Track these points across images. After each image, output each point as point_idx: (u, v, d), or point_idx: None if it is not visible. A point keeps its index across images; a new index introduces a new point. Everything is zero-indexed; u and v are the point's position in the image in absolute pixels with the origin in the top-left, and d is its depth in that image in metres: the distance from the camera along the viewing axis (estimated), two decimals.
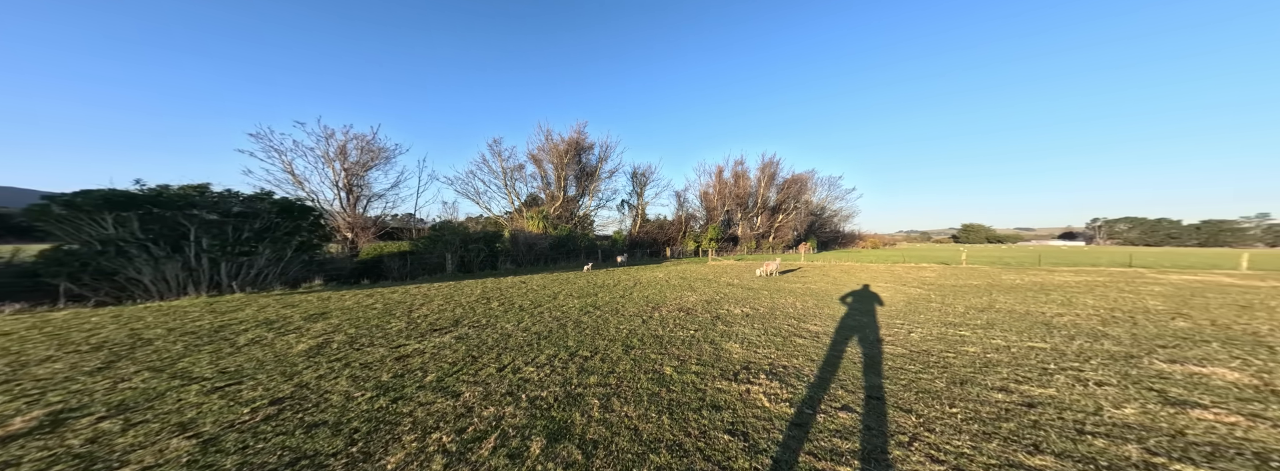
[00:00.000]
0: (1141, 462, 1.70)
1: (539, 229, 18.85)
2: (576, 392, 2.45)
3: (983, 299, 6.56)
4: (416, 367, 2.90)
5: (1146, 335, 4.06)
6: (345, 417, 2.09)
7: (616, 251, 21.16)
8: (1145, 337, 3.95)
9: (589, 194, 24.74)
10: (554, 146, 23.15)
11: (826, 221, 44.59)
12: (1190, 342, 3.76)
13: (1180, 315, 5.16)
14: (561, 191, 23.17)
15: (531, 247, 16.30)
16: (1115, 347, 3.57)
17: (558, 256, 17.56)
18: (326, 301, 5.97)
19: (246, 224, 7.39)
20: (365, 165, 15.50)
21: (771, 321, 4.63)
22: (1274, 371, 2.90)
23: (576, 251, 18.61)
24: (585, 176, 24.69)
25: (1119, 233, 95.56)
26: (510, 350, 3.35)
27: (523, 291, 7.16)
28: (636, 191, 27.91)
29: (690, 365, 2.96)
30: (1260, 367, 2.98)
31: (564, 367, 2.90)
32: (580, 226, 23.09)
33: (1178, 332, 4.16)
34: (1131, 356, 3.30)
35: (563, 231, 19.02)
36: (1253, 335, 4.06)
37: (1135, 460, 1.71)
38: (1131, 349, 3.51)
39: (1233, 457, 1.74)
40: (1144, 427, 2.01)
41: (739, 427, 1.95)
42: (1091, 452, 1.76)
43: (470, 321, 4.55)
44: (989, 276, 10.43)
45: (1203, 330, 4.28)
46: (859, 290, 7.58)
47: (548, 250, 17.09)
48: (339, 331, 4.01)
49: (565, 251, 18.11)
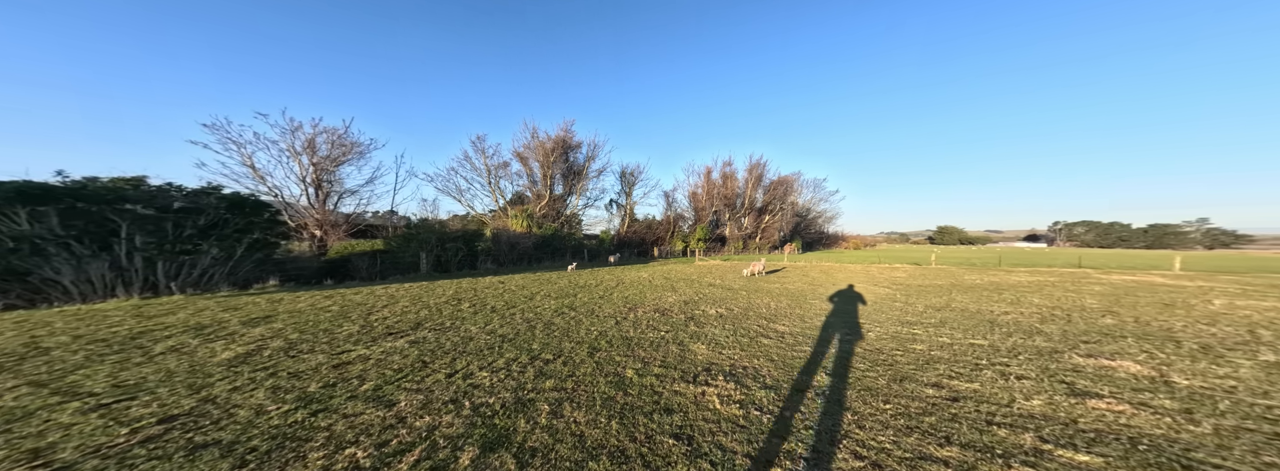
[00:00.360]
0: (1033, 450, 1.84)
1: (523, 228, 18.38)
2: (528, 398, 2.32)
3: (942, 298, 6.76)
4: (354, 376, 2.63)
5: (1075, 331, 4.27)
6: (245, 436, 1.85)
7: (604, 251, 20.92)
8: (1073, 334, 4.15)
9: (576, 193, 24.39)
10: (541, 144, 22.68)
11: (811, 222, 45.64)
12: (1110, 338, 3.97)
13: (1110, 313, 5.44)
14: (548, 190, 22.73)
15: (514, 247, 15.84)
16: (1044, 343, 3.74)
17: (542, 256, 17.14)
18: (277, 303, 5.50)
19: (189, 220, 6.74)
20: (336, 160, 14.66)
21: (743, 322, 4.61)
22: (1172, 364, 3.16)
23: (562, 251, 18.24)
24: (573, 175, 24.32)
25: (1077, 235, 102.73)
26: (468, 354, 3.13)
27: (499, 292, 6.89)
28: (625, 191, 27.77)
29: (653, 367, 2.91)
30: (1162, 361, 3.23)
31: (521, 372, 2.75)
32: (568, 225, 22.70)
33: (1103, 329, 4.40)
34: (1056, 351, 3.47)
35: (548, 230, 18.60)
36: (1166, 331, 4.36)
37: (1028, 447, 1.86)
38: (1058, 344, 3.69)
39: (1110, 443, 1.91)
40: (1044, 417, 2.18)
41: (686, 431, 1.95)
42: (992, 442, 1.90)
43: (433, 324, 4.27)
44: (953, 277, 10.82)
45: (1125, 326, 4.55)
46: (832, 291, 7.73)
47: (532, 249, 16.65)
48: (279, 337, 3.64)
49: (550, 251, 17.70)
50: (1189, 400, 2.47)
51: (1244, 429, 2.12)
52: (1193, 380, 2.81)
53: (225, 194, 7.62)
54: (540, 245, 17.30)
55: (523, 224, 18.70)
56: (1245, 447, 1.92)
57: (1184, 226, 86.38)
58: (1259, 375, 2.93)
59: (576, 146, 24.03)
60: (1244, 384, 2.75)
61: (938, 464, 1.68)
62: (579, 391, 2.41)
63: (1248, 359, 3.31)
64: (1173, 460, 1.79)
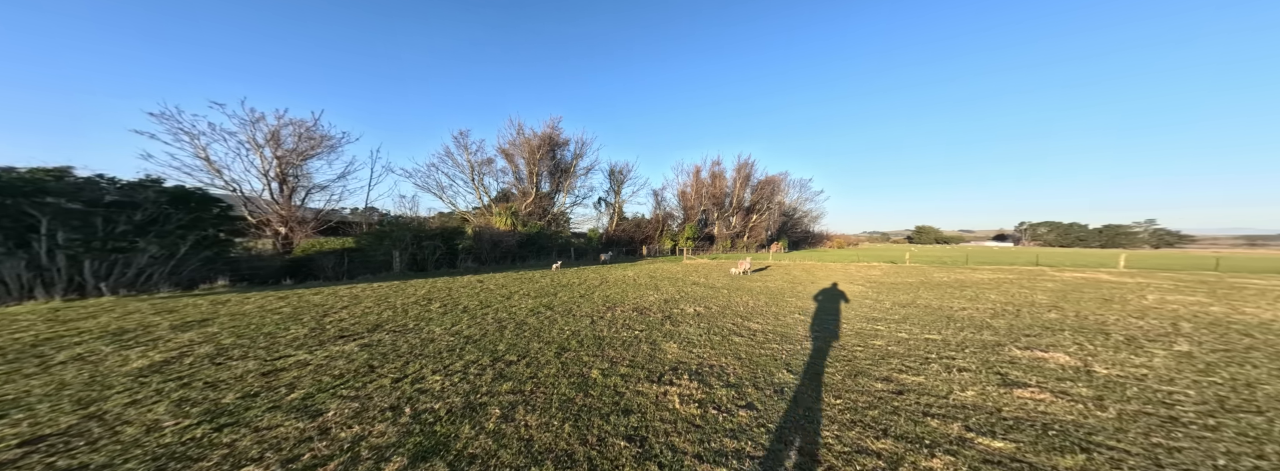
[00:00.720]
0: (957, 438, 1.94)
1: (507, 225, 17.96)
2: (480, 402, 2.23)
3: (909, 295, 7.06)
4: (284, 384, 2.45)
5: (1021, 325, 4.52)
6: (121, 458, 1.65)
7: (592, 249, 20.73)
8: (1018, 328, 4.40)
9: (564, 190, 24.04)
10: (526, 141, 22.18)
11: (798, 222, 46.74)
12: (1050, 331, 4.22)
13: (1056, 308, 5.77)
14: (534, 188, 22.29)
15: (496, 245, 15.44)
16: (991, 337, 3.94)
17: (527, 254, 16.81)
18: (221, 305, 5.13)
19: (123, 215, 6.17)
20: (304, 154, 13.83)
21: (718, 320, 4.67)
22: (1097, 354, 3.37)
23: (548, 249, 17.95)
24: (560, 173, 23.93)
25: (1040, 235, 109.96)
26: (424, 357, 3.01)
27: (475, 292, 6.71)
28: (614, 189, 27.58)
29: (620, 367, 2.89)
30: (1089, 352, 3.44)
31: (479, 375, 2.65)
32: (555, 223, 22.34)
33: (1046, 323, 4.67)
34: (999, 344, 3.67)
35: (533, 228, 18.25)
36: (1100, 324, 4.64)
37: (954, 437, 1.95)
38: (1002, 338, 3.90)
39: (1025, 429, 2.04)
40: (974, 407, 2.30)
41: (640, 432, 1.92)
42: (924, 433, 1.98)
43: (394, 326, 4.09)
44: (923, 275, 11.36)
45: (1065, 320, 4.82)
46: (809, 289, 7.92)
47: (515, 248, 16.29)
48: (210, 342, 3.37)
49: (535, 249, 17.39)
50: (1103, 388, 2.65)
51: (1143, 413, 2.30)
52: (1111, 369, 3.01)
53: (167, 187, 7.00)
54: (525, 243, 16.96)
55: (507, 221, 18.26)
56: (1139, 430, 2.07)
57: (1134, 227, 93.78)
58: (1170, 364, 3.17)
59: (564, 144, 23.64)
60: (1155, 372, 2.98)
61: (871, 456, 1.74)
62: (537, 394, 2.35)
63: (1164, 349, 3.57)
64: (1075, 443, 1.91)
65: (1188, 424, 2.16)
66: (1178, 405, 2.40)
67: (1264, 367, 3.08)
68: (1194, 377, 2.86)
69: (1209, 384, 2.74)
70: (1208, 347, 3.65)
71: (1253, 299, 6.73)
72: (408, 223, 12.68)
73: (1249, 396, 2.54)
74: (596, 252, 19.55)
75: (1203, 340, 3.92)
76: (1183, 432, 2.05)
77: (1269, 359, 3.30)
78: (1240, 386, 2.70)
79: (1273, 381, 2.78)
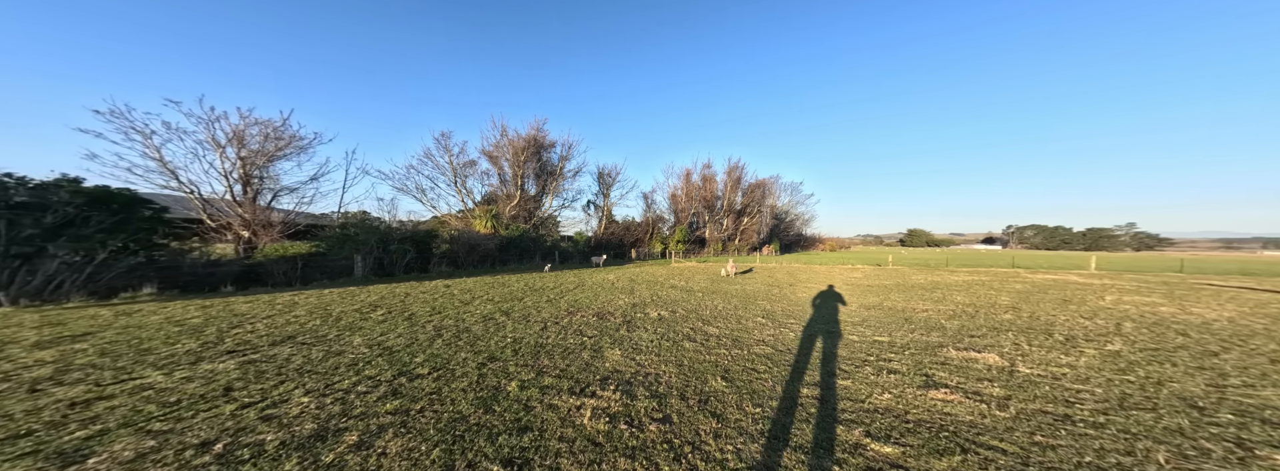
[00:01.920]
0: (852, 445, 1.88)
1: (488, 228, 17.58)
2: (338, 427, 1.97)
3: (877, 298, 7.02)
4: (88, 416, 2.09)
5: (971, 326, 4.47)
6: None
7: (578, 253, 20.44)
8: (968, 329, 4.33)
9: (551, 193, 23.79)
10: (511, 143, 21.99)
11: (790, 225, 47.20)
12: (996, 332, 4.18)
13: (1013, 309, 5.75)
14: (519, 190, 22.00)
15: (475, 248, 15.04)
16: (936, 339, 3.88)
17: (509, 258, 16.43)
18: (125, 316, 4.73)
19: (29, 217, 5.72)
20: (270, 154, 13.34)
21: (678, 325, 4.53)
22: (1028, 355, 3.33)
23: (532, 253, 17.60)
24: (546, 175, 23.73)
25: (1027, 238, 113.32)
26: (312, 374, 2.73)
27: (434, 297, 6.42)
28: (602, 192, 27.41)
29: (546, 378, 2.70)
30: (1022, 352, 3.41)
31: (364, 394, 2.39)
32: (543, 227, 22.01)
33: (997, 324, 4.63)
34: (939, 346, 3.60)
35: (515, 231, 17.91)
36: (1048, 324, 4.62)
37: (851, 443, 1.90)
38: (946, 339, 3.83)
39: (919, 433, 1.99)
40: (883, 411, 2.24)
41: (526, 455, 1.74)
42: (823, 440, 1.92)
43: (309, 337, 3.78)
44: (901, 277, 11.44)
45: (1017, 321, 4.78)
46: (786, 292, 7.83)
47: (495, 251, 15.90)
48: (59, 362, 3.00)
49: (517, 253, 17.02)
50: (1015, 388, 2.58)
51: (1042, 412, 2.23)
52: (1034, 369, 2.95)
53: (86, 187, 6.53)
54: (506, 247, 16.59)
55: (487, 224, 17.89)
56: (1026, 429, 2.01)
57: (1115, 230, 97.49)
58: (1094, 363, 3.10)
59: (549, 146, 23.50)
60: (1075, 371, 2.90)
61: None
62: (424, 413, 2.16)
63: (1096, 349, 3.51)
64: (958, 444, 1.86)
65: (1077, 422, 2.10)
66: (1078, 403, 2.34)
67: (1182, 366, 3.04)
68: (1110, 376, 2.80)
69: (1121, 382, 2.69)
70: (1139, 347, 3.62)
71: (1206, 299, 6.84)
72: (373, 224, 12.24)
73: (1151, 394, 2.49)
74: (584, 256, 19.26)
75: (1137, 339, 3.90)
76: (1067, 431, 1.99)
77: (1192, 358, 3.27)
78: (1149, 385, 2.65)
79: (1183, 379, 2.74)
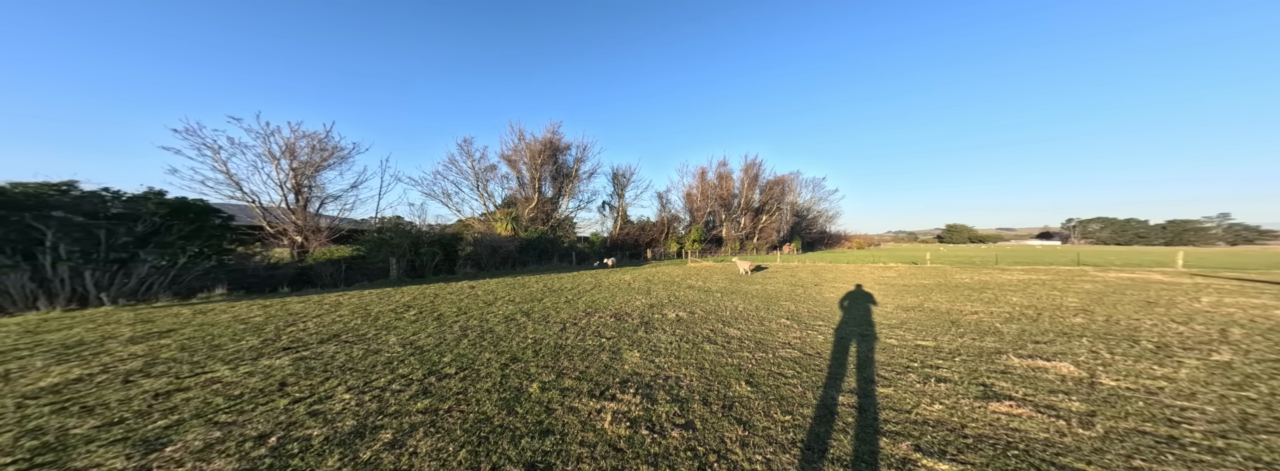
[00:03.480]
0: (902, 459, 1.73)
1: (508, 231, 18.24)
2: (375, 424, 2.06)
3: (916, 298, 6.52)
4: (167, 407, 2.31)
5: (1033, 331, 4.06)
6: None
7: (594, 254, 20.71)
8: (1030, 334, 3.95)
9: (566, 195, 24.28)
10: (528, 146, 22.68)
11: (812, 222, 45.29)
12: (1066, 338, 3.77)
13: (1084, 311, 5.17)
14: (536, 193, 22.64)
15: (496, 251, 15.66)
16: (992, 344, 3.57)
17: (527, 259, 16.96)
18: (202, 315, 5.29)
19: (124, 227, 6.55)
20: (317, 165, 14.60)
21: (697, 326, 4.41)
22: (1111, 364, 2.94)
23: (550, 254, 18.08)
24: (562, 177, 24.26)
25: (1092, 232, 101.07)
26: (353, 371, 2.89)
27: (461, 298, 6.69)
28: (617, 193, 27.63)
29: (566, 380, 2.68)
30: (1103, 361, 3.03)
31: (399, 392, 2.50)
32: (560, 228, 22.54)
33: (1065, 328, 4.18)
34: (997, 352, 3.30)
35: (533, 233, 18.45)
36: (1130, 330, 4.11)
37: (899, 457, 1.75)
38: (1004, 345, 3.52)
39: (982, 449, 1.80)
40: (935, 423, 2.05)
41: (547, 460, 1.73)
42: (866, 453, 1.78)
43: (351, 335, 4.04)
44: (942, 276, 10.57)
45: (1090, 326, 4.29)
46: (811, 292, 7.47)
47: (515, 253, 16.46)
48: (148, 356, 3.37)
49: (536, 254, 17.54)
50: (1100, 402, 2.26)
51: (1138, 432, 1.92)
52: (1120, 381, 2.57)
53: (168, 199, 7.39)
54: (525, 248, 17.14)
55: (507, 227, 18.56)
56: (1121, 452, 1.76)
57: (1204, 222, 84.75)
58: (1199, 376, 2.67)
59: (565, 148, 24.00)
60: (1175, 385, 2.50)
61: None
62: (452, 413, 2.17)
63: (1198, 359, 3.03)
64: (1032, 466, 1.66)
65: (1188, 445, 1.81)
66: (1186, 424, 1.99)
67: None
68: (1222, 392, 2.38)
69: (1238, 399, 2.27)
70: (1254, 357, 3.07)
71: None
72: (405, 228, 13.04)
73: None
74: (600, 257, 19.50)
75: (1251, 349, 3.31)
76: (1176, 456, 1.72)
77: None
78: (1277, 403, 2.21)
79: None
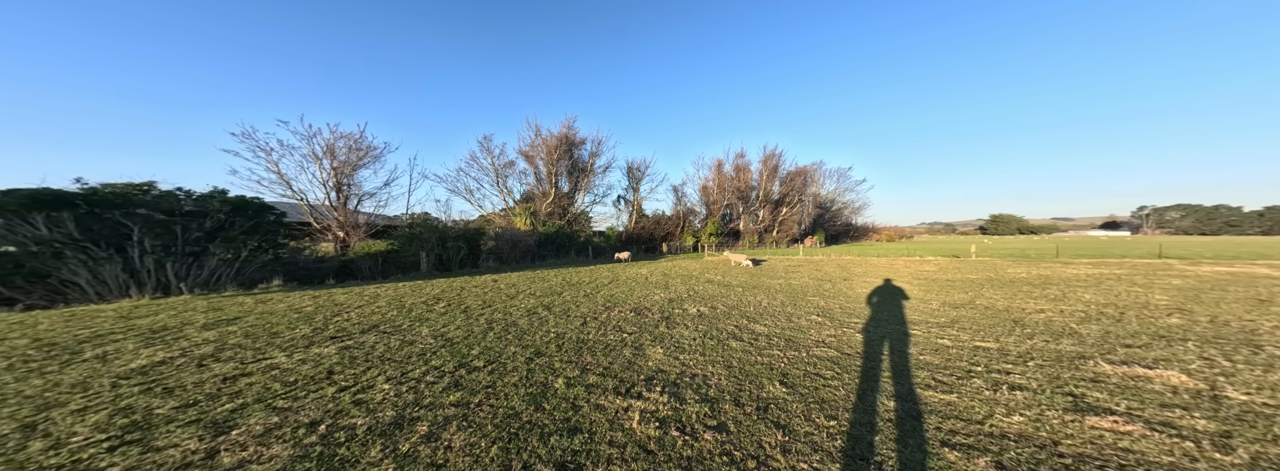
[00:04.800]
0: None
1: (527, 226, 18.63)
2: (413, 417, 2.06)
3: (965, 294, 5.89)
4: (234, 391, 2.46)
5: (1121, 333, 3.60)
6: None
7: (610, 247, 20.80)
8: (1117, 336, 3.51)
9: (582, 189, 24.34)
10: (544, 141, 22.78)
11: (836, 214, 43.09)
12: (1163, 341, 3.32)
13: (1180, 311, 4.57)
14: (553, 188, 22.85)
15: (516, 245, 16.08)
16: (1071, 348, 3.17)
17: (546, 253, 17.32)
18: (262, 304, 5.73)
19: (195, 223, 7.23)
20: (354, 164, 15.45)
21: (720, 322, 4.20)
22: (1235, 374, 2.50)
23: (567, 248, 18.34)
24: (578, 172, 24.28)
25: (1169, 221, 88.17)
26: (391, 362, 2.96)
27: (484, 291, 6.86)
28: (632, 186, 27.38)
29: (590, 376, 2.62)
30: (1222, 370, 2.59)
31: (433, 384, 2.52)
32: (576, 223, 22.78)
33: (1160, 330, 3.69)
34: (1081, 357, 2.91)
35: (551, 228, 18.76)
36: (1247, 333, 3.56)
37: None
38: (1087, 349, 3.12)
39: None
40: (1018, 438, 1.79)
41: (578, 459, 1.67)
42: (939, 467, 1.57)
43: (389, 326, 4.20)
44: (993, 270, 9.57)
45: (1192, 328, 3.77)
46: (842, 287, 6.99)
47: (534, 247, 16.84)
48: (219, 341, 3.65)
49: (554, 248, 17.86)
50: (1235, 421, 1.83)
51: None
52: (1253, 395, 2.10)
53: (229, 197, 8.07)
54: (543, 243, 17.49)
55: (526, 222, 18.96)
56: None
57: None
58: None
59: (580, 143, 23.91)
60: None
61: None
62: (483, 407, 2.19)
63: None
64: None
65: None
66: None
67: None
68: None
69: None
70: None
71: None
72: (434, 224, 13.62)
73: None
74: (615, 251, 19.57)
75: None
76: None
77: None
78: None
79: None
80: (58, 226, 6.00)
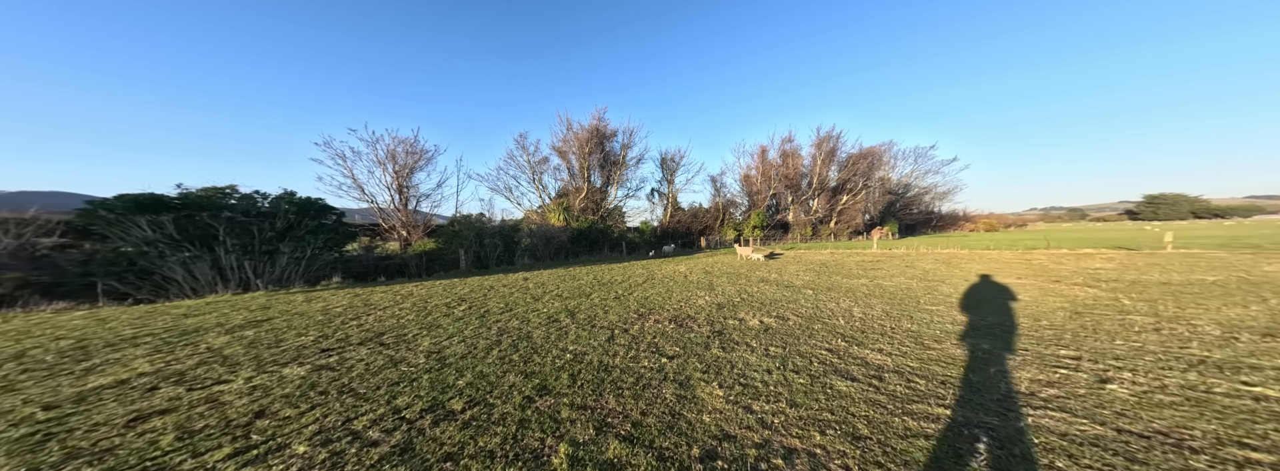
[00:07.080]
0: None
1: (561, 222, 18.56)
2: None
3: (1251, 309, 3.55)
4: (146, 430, 1.87)
5: None
6: None
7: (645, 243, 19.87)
8: None
9: (614, 183, 23.62)
10: (576, 135, 22.43)
11: (914, 200, 36.03)
12: None
13: None
14: (586, 182, 22.51)
15: (550, 241, 16.02)
16: None
17: (579, 249, 17.05)
18: (308, 303, 5.87)
19: (268, 223, 7.99)
20: (411, 167, 16.84)
21: (801, 342, 2.90)
22: None
23: (600, 244, 17.90)
24: (610, 165, 23.56)
25: None
26: (348, 395, 2.29)
27: (512, 290, 6.42)
28: (666, 178, 25.76)
29: (609, 439, 1.68)
30: None
31: (370, 446, 1.70)
32: (610, 218, 22.28)
33: None
34: None
35: (584, 223, 18.40)
36: None
37: None
38: None
39: None
40: None
41: None
42: None
43: (393, 335, 3.73)
44: (1233, 267, 6.47)
45: None
46: (975, 289, 5.08)
47: (567, 243, 16.64)
48: (218, 352, 3.40)
49: (588, 244, 17.52)
50: None
51: None
52: None
53: (296, 199, 8.89)
54: (576, 239, 17.23)
55: (560, 217, 18.92)
56: None
57: None
58: None
59: (611, 135, 23.07)
60: None
61: None
62: None
63: None
64: None
65: None
66: None
67: None
68: None
69: None
70: None
71: None
72: (472, 222, 14.06)
73: None
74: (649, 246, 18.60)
75: None
76: None
77: None
78: None
79: None
80: (159, 228, 6.91)
